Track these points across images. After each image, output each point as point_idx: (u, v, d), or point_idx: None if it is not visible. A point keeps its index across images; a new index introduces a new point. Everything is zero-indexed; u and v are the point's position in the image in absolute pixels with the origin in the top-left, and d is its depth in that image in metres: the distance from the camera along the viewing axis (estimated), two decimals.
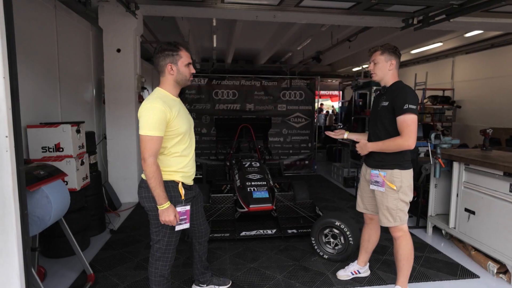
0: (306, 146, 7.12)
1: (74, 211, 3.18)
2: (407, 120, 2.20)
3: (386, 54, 2.36)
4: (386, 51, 2.36)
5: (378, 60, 2.38)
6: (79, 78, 4.35)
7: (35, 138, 3.05)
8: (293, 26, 6.79)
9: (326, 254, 3.14)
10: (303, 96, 6.97)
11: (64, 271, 2.91)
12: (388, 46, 2.39)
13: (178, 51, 2.01)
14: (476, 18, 4.78)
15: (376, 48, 2.42)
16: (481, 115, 7.71)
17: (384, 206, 2.40)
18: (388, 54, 2.36)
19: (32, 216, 2.25)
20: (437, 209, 3.80)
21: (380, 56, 2.37)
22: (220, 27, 7.21)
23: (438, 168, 3.53)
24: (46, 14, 3.53)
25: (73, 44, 4.14)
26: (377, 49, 2.41)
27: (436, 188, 3.76)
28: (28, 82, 3.19)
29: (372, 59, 2.43)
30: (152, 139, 1.88)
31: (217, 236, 3.50)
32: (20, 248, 1.81)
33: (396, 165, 2.36)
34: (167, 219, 1.91)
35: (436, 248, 3.43)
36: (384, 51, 2.37)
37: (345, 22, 5.21)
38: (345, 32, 7.09)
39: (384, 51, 2.37)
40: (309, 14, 4.86)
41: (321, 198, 5.31)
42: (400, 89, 2.32)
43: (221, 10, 4.66)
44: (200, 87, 6.70)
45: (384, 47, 2.38)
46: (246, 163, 4.32)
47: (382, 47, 2.39)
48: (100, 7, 4.46)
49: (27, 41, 3.18)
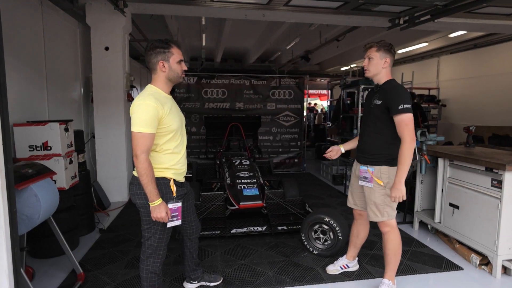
0: (295, 144, 7.18)
1: (62, 210, 3.15)
2: (405, 119, 2.24)
3: (381, 51, 2.35)
4: (382, 48, 2.35)
5: (373, 56, 2.37)
6: (66, 76, 4.29)
7: (22, 137, 3.00)
8: (282, 26, 6.83)
9: (315, 250, 3.19)
10: (292, 95, 7.03)
11: (53, 271, 2.88)
12: (384, 43, 2.38)
13: (170, 48, 2.02)
14: (460, 19, 4.92)
15: (372, 44, 2.40)
16: (466, 113, 7.91)
17: (372, 202, 2.45)
18: (384, 51, 2.35)
19: (20, 215, 2.22)
20: (423, 204, 3.90)
21: (375, 52, 2.36)
22: (209, 26, 7.21)
23: (424, 164, 3.62)
24: (32, 11, 3.47)
25: (60, 42, 4.08)
26: (372, 45, 2.39)
27: (422, 184, 3.85)
28: (13, 80, 3.13)
29: (367, 54, 2.41)
30: (144, 136, 1.88)
31: (208, 233, 3.51)
32: (8, 247, 1.79)
33: (385, 161, 2.40)
34: (159, 216, 1.92)
35: (422, 243, 3.52)
36: (380, 48, 2.36)
37: (333, 22, 5.27)
38: (334, 32, 7.17)
39: (380, 48, 2.36)
40: (297, 13, 4.91)
41: (310, 195, 5.37)
42: (393, 88, 2.34)
43: (210, 9, 4.67)
44: (189, 86, 6.68)
45: (380, 44, 2.37)
46: (236, 161, 4.34)
47: (378, 43, 2.38)
48: (88, 5, 4.41)
49: (13, 38, 3.13)
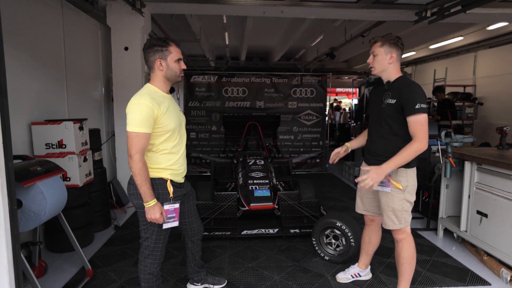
0: (318, 144, 6.98)
1: (77, 207, 3.24)
2: (420, 120, 2.07)
3: (386, 46, 2.19)
4: (387, 43, 2.18)
5: (377, 52, 2.21)
6: (87, 76, 4.42)
7: (39, 135, 3.11)
8: (304, 22, 6.64)
9: (327, 255, 3.05)
10: (314, 93, 6.84)
11: (66, 266, 2.96)
12: (389, 37, 2.21)
13: (168, 47, 1.99)
14: (496, 9, 4.51)
15: (376, 38, 2.24)
16: (505, 112, 7.29)
17: (389, 208, 2.27)
18: (389, 46, 2.18)
19: (28, 211, 2.30)
20: (448, 210, 3.62)
21: (380, 48, 2.20)
22: (232, 24, 7.17)
23: (449, 167, 3.35)
24: (53, 13, 3.59)
25: (81, 43, 4.20)
26: (377, 40, 2.23)
27: (447, 188, 3.57)
28: (33, 80, 3.26)
29: (372, 51, 2.25)
30: (139, 135, 1.86)
31: (218, 234, 3.47)
32: (9, 244, 1.84)
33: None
34: (153, 217, 1.89)
35: (446, 252, 3.26)
36: (385, 43, 2.19)
37: (355, 17, 5.04)
38: (359, 27, 6.87)
39: (385, 42, 2.19)
40: (317, 9, 4.73)
41: (330, 197, 5.19)
42: (408, 86, 2.15)
43: (227, 6, 4.61)
44: (210, 85, 6.70)
45: (384, 38, 2.20)
46: (250, 160, 4.27)
47: (383, 37, 2.21)
48: (108, 6, 4.51)
49: (33, 40, 3.25)
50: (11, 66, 2.96)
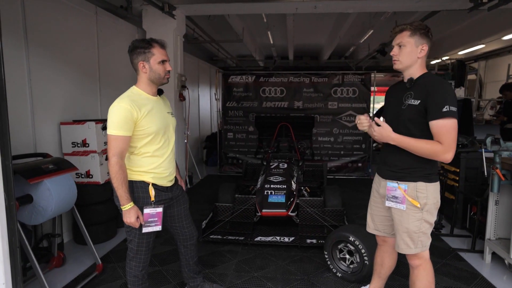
0: (360, 147, 6.50)
1: (98, 203, 3.42)
2: (447, 126, 1.73)
3: (417, 36, 1.84)
4: (417, 32, 1.83)
5: (405, 42, 1.86)
6: (122, 78, 4.66)
7: (67, 134, 3.35)
8: (348, 17, 6.24)
9: (339, 272, 2.77)
10: (357, 92, 6.37)
11: (83, 259, 3.13)
12: (419, 25, 1.86)
13: (150, 48, 1.95)
14: None
15: (404, 27, 1.87)
16: None
17: (403, 228, 1.94)
18: (420, 35, 1.83)
19: (37, 206, 2.46)
20: (498, 231, 3.05)
21: (409, 38, 1.84)
22: (274, 23, 7.03)
23: (497, 181, 2.82)
24: (87, 20, 3.84)
25: (116, 47, 4.44)
26: (405, 28, 1.87)
27: (497, 205, 3.01)
28: (67, 84, 3.52)
29: (398, 41, 1.89)
30: (117, 138, 1.85)
31: (231, 238, 3.39)
32: (4, 236, 1.96)
33: (421, 176, 1.88)
34: (128, 221, 1.87)
35: (491, 282, 2.74)
36: (415, 32, 1.84)
37: (396, 8, 4.57)
38: (410, 20, 6.23)
39: (415, 31, 1.84)
40: (354, 2, 4.39)
41: (365, 205, 4.76)
42: (436, 84, 1.81)
43: (256, 5, 4.51)
44: (247, 85, 6.65)
45: (414, 26, 1.85)
46: (273, 164, 4.11)
47: (412, 25, 1.85)
48: (144, 11, 4.72)
49: (67, 47, 3.52)
50: (46, 72, 3.25)
